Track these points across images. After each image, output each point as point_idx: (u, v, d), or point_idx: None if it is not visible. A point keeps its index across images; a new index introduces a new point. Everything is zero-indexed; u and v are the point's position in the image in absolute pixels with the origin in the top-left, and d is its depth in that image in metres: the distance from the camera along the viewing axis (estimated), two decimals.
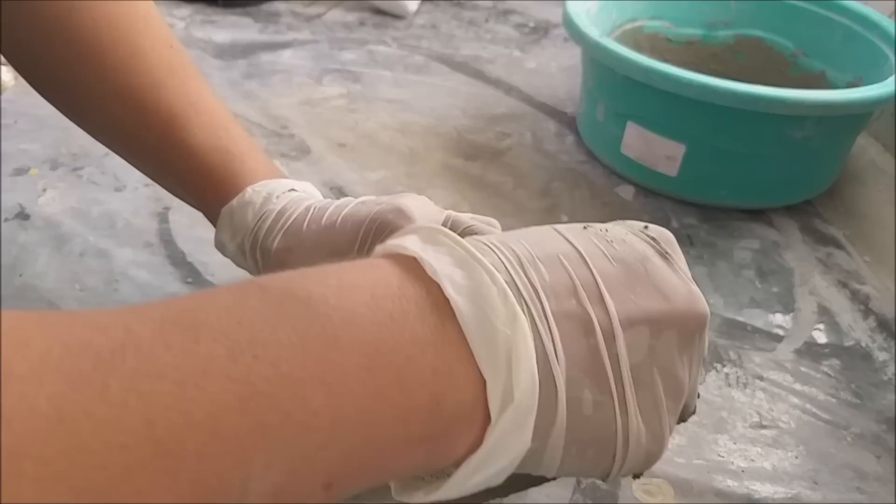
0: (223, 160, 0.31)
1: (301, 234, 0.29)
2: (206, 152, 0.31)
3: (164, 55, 0.31)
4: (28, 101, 0.60)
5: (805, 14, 0.60)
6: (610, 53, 0.49)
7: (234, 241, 0.31)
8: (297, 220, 0.29)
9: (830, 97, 0.46)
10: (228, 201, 0.31)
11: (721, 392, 0.39)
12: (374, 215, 0.27)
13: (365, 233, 0.27)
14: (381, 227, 0.26)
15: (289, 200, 0.30)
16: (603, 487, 0.33)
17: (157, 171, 0.33)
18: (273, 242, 0.29)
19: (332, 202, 0.30)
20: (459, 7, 0.86)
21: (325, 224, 0.28)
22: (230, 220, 0.31)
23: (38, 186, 0.50)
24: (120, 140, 0.32)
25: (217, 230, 0.32)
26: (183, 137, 0.30)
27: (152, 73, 0.30)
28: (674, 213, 0.53)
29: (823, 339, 0.43)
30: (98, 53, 0.29)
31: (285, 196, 0.30)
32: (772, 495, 0.34)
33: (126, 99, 0.30)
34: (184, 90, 0.31)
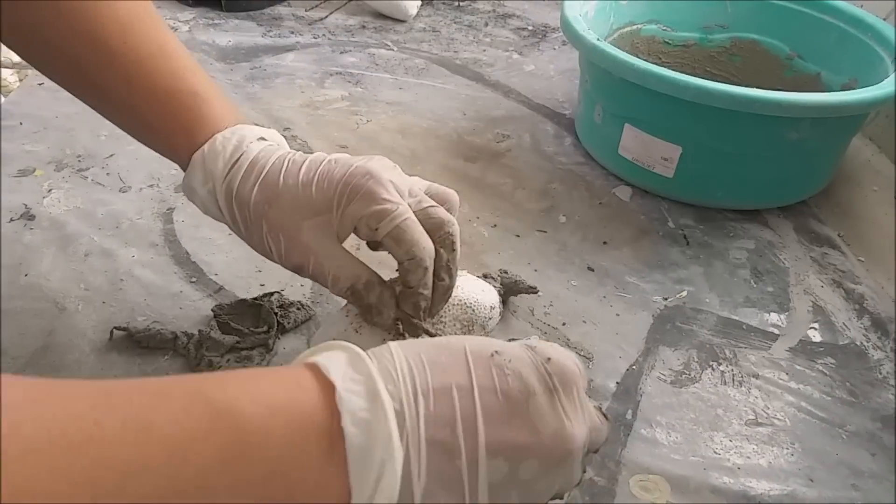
0: (191, 103, 0.31)
1: (278, 187, 0.30)
2: (173, 95, 0.31)
3: (130, 3, 0.31)
4: (33, 102, 0.60)
5: (800, 17, 0.61)
6: (607, 56, 0.50)
7: (205, 187, 0.31)
8: (271, 171, 0.31)
9: (825, 99, 0.46)
10: (198, 145, 0.31)
11: (717, 390, 0.39)
12: (347, 178, 0.30)
13: (339, 195, 0.30)
14: (353, 189, 0.30)
15: (261, 150, 0.32)
16: (600, 484, 0.34)
17: (126, 116, 0.33)
18: (251, 195, 0.30)
19: (304, 156, 0.31)
20: (459, 11, 0.87)
21: (301, 181, 0.30)
22: (201, 165, 0.31)
23: (43, 187, 0.51)
24: (88, 86, 0.32)
25: (186, 175, 0.32)
26: (151, 81, 0.31)
27: (119, 19, 0.31)
28: (670, 214, 0.54)
29: (818, 337, 0.44)
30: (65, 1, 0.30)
31: (256, 144, 0.32)
32: (767, 492, 0.34)
33: (94, 42, 0.30)
34: (151, 36, 0.31)
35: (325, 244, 0.30)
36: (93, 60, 0.31)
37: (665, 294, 0.46)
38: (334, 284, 0.31)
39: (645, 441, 0.36)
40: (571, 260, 0.48)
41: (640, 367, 0.40)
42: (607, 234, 0.51)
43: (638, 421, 0.37)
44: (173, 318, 0.40)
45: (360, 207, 0.30)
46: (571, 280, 0.46)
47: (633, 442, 0.36)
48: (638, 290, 0.46)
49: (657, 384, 0.39)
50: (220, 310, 0.40)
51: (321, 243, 0.30)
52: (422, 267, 0.30)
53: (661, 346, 0.42)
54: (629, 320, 0.44)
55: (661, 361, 0.41)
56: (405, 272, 0.31)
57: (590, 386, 0.39)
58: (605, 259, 0.48)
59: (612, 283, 0.46)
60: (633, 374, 0.40)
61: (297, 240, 0.30)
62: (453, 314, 0.34)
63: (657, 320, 0.44)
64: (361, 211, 0.30)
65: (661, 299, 0.45)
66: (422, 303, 0.31)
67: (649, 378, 0.40)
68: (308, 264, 0.30)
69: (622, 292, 0.46)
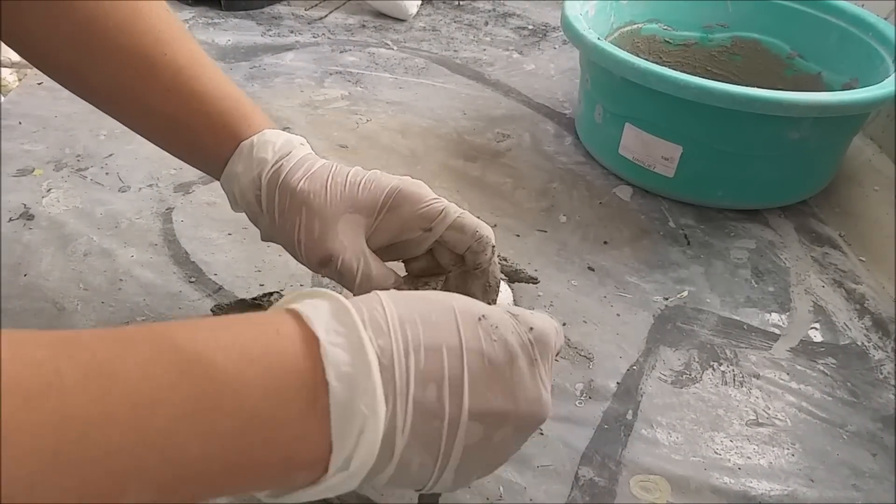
0: (236, 105, 0.32)
1: (326, 182, 0.31)
2: (218, 98, 0.32)
3: (161, 15, 0.32)
4: (32, 101, 0.60)
5: (801, 16, 0.61)
6: (608, 56, 0.50)
7: (249, 175, 0.32)
8: (320, 169, 0.31)
9: (826, 99, 0.46)
10: (244, 139, 0.32)
11: (718, 390, 0.39)
12: (396, 183, 0.31)
13: (387, 197, 0.31)
14: (402, 193, 0.31)
15: (309, 152, 0.33)
16: (600, 485, 0.34)
17: (167, 125, 0.33)
18: (298, 183, 0.31)
19: (347, 167, 0.32)
20: (459, 10, 0.87)
21: (350, 181, 0.31)
22: (250, 152, 0.32)
23: (43, 187, 0.51)
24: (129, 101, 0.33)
25: (231, 162, 0.32)
26: (193, 86, 0.31)
27: (154, 31, 0.31)
28: (671, 214, 0.53)
29: (819, 337, 0.44)
30: (99, 18, 0.30)
31: (304, 147, 0.33)
32: (768, 492, 0.34)
33: (132, 55, 0.31)
34: (186, 46, 0.32)
35: (358, 242, 0.31)
36: (133, 75, 0.31)
37: (666, 294, 0.46)
38: (364, 282, 0.30)
39: (645, 441, 0.36)
40: (572, 260, 0.48)
41: (640, 367, 0.40)
42: (608, 234, 0.51)
43: (638, 421, 0.37)
44: (172, 318, 0.40)
45: (411, 209, 0.31)
46: (572, 280, 0.46)
47: (634, 442, 0.36)
48: (638, 290, 0.46)
49: (658, 384, 0.39)
50: (220, 310, 0.40)
51: (355, 241, 0.31)
52: (490, 245, 0.31)
53: (661, 346, 0.42)
54: (630, 320, 0.43)
55: (661, 361, 0.41)
56: (474, 255, 0.31)
57: (590, 386, 0.39)
58: (606, 259, 0.48)
59: (613, 282, 0.46)
60: (634, 374, 0.40)
61: (333, 231, 0.30)
62: None
63: (658, 320, 0.44)
64: (414, 211, 0.31)
65: (661, 299, 0.45)
66: (492, 281, 0.32)
67: (650, 378, 0.40)
68: (338, 258, 0.30)
69: (623, 292, 0.46)
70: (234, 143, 0.32)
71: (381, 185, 0.31)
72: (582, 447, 0.35)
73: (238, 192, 0.33)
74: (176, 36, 0.32)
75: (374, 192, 0.31)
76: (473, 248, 0.31)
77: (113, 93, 0.32)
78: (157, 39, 0.31)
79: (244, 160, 0.32)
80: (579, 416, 0.37)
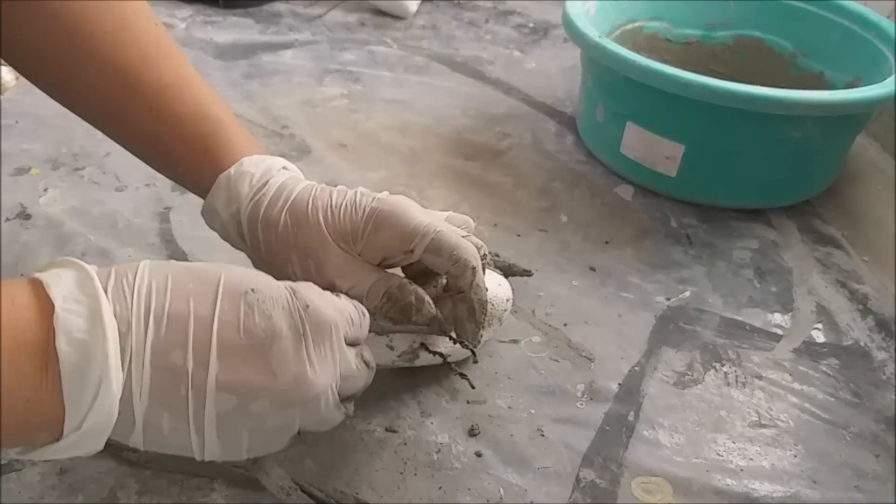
0: (217, 129, 0.31)
1: (307, 212, 0.30)
2: (199, 120, 0.31)
3: (149, 30, 0.31)
4: (29, 101, 0.60)
5: (804, 14, 0.60)
6: (609, 54, 0.49)
7: (229, 210, 0.31)
8: (299, 197, 0.31)
9: (829, 97, 0.46)
10: (223, 168, 0.31)
11: (720, 391, 0.39)
12: (375, 204, 0.30)
13: (366, 222, 0.30)
14: (381, 215, 0.30)
15: (287, 178, 0.32)
16: (602, 486, 0.33)
17: (148, 143, 0.33)
18: (280, 217, 0.30)
19: (327, 187, 0.31)
20: (459, 8, 0.86)
21: (331, 208, 0.30)
22: (226, 186, 0.31)
23: (40, 186, 0.50)
24: (111, 115, 0.32)
25: (209, 197, 0.32)
26: (175, 107, 0.31)
27: (140, 46, 0.31)
28: (673, 213, 0.53)
29: (822, 338, 0.43)
30: (85, 29, 0.29)
31: (282, 173, 0.32)
32: (770, 494, 0.34)
33: (117, 71, 0.30)
34: (172, 63, 0.31)
35: (355, 263, 0.30)
36: (117, 91, 0.31)
37: (668, 294, 0.45)
38: (371, 297, 0.30)
39: (647, 443, 0.36)
40: (573, 260, 0.48)
41: (642, 368, 0.40)
42: (609, 234, 0.50)
43: (640, 422, 0.37)
44: None
45: (391, 232, 0.30)
46: (573, 280, 0.46)
47: (636, 444, 0.36)
48: (640, 290, 0.46)
49: (660, 385, 0.39)
50: None
51: (352, 263, 0.30)
52: (469, 268, 0.30)
53: (663, 346, 0.42)
54: (631, 321, 0.43)
55: (663, 362, 0.40)
56: (454, 279, 0.30)
57: (591, 387, 0.39)
58: (607, 259, 0.48)
59: (614, 283, 0.46)
60: (636, 375, 0.40)
61: (328, 261, 0.30)
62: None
63: (660, 321, 0.43)
64: (393, 234, 0.30)
65: (663, 299, 0.45)
66: (476, 305, 0.31)
67: (652, 379, 0.39)
68: (343, 283, 0.30)
69: (624, 292, 0.45)
70: (213, 174, 0.31)
71: (361, 208, 0.30)
72: (583, 449, 0.35)
73: (220, 228, 0.32)
74: (163, 52, 0.31)
75: (354, 218, 0.30)
76: (452, 272, 0.30)
77: (96, 105, 0.32)
78: (142, 55, 0.30)
79: (222, 194, 0.31)
80: (580, 418, 0.37)
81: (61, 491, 0.31)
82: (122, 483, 0.32)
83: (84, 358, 0.21)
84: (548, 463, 0.34)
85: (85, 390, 0.21)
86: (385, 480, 0.32)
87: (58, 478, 0.32)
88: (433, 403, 0.37)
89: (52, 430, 0.21)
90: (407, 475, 0.33)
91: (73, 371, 0.21)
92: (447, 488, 0.33)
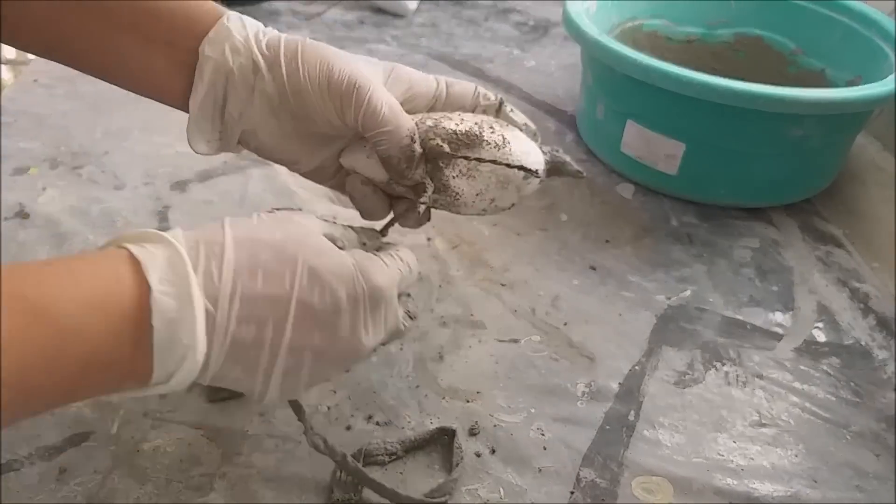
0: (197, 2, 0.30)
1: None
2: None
3: None
4: (28, 99, 0.60)
5: (805, 13, 0.60)
6: (610, 52, 0.49)
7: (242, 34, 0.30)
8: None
9: (830, 96, 0.46)
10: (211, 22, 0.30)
11: (721, 391, 0.39)
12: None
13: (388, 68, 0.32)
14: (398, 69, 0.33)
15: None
16: (602, 486, 0.33)
17: (129, 35, 0.30)
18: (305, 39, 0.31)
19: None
20: (459, 6, 0.86)
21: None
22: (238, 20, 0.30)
23: (38, 185, 0.50)
24: (89, 14, 0.30)
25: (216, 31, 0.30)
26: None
27: None
28: (673, 212, 0.53)
29: (823, 337, 0.43)
30: None
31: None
32: (771, 493, 0.34)
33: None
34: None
35: (380, 80, 0.31)
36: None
37: (668, 293, 0.45)
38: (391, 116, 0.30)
39: (648, 442, 0.36)
40: (573, 259, 0.48)
41: (642, 367, 0.40)
42: (609, 233, 0.50)
43: (641, 422, 0.37)
44: None
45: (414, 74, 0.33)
46: (573, 279, 0.46)
47: (636, 443, 0.35)
48: (641, 289, 0.46)
49: (660, 385, 0.39)
50: None
51: (379, 79, 0.31)
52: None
53: (664, 346, 0.41)
54: (632, 320, 0.43)
55: (664, 362, 0.40)
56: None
57: (592, 387, 0.39)
58: (608, 258, 0.48)
59: (615, 282, 0.46)
60: (636, 374, 0.39)
61: (357, 68, 0.30)
62: (491, 168, 0.31)
63: (660, 320, 0.43)
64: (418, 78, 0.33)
65: (664, 298, 0.45)
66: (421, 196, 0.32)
67: (652, 378, 0.39)
68: (367, 88, 0.29)
69: (625, 291, 0.45)
70: (212, 17, 0.30)
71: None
72: (583, 448, 0.35)
73: (230, 52, 0.30)
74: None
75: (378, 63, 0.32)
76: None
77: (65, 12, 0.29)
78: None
79: (233, 25, 0.30)
80: (581, 417, 0.37)
81: (61, 490, 0.31)
82: (123, 482, 0.32)
83: (174, 334, 0.23)
84: (548, 462, 0.34)
85: (172, 358, 0.24)
86: (385, 480, 0.32)
87: (57, 477, 0.32)
88: (433, 403, 0.37)
89: (141, 382, 0.24)
90: (406, 474, 0.33)
91: (164, 343, 0.23)
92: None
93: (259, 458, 0.33)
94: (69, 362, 0.22)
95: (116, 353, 0.23)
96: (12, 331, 0.20)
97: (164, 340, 0.23)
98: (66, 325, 0.22)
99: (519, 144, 0.32)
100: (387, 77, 0.32)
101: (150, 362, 0.23)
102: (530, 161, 0.32)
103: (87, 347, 0.22)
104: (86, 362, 0.22)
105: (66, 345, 0.22)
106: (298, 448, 0.34)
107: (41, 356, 0.21)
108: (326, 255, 0.27)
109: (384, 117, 0.30)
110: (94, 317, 0.22)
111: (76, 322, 0.22)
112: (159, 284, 0.23)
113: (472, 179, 0.31)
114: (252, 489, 0.32)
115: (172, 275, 0.24)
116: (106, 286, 0.23)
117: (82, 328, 0.22)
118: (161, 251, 0.24)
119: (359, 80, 0.29)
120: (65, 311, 0.22)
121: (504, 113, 0.34)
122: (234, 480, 0.32)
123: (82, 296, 0.22)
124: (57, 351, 0.21)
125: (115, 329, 0.23)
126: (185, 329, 0.23)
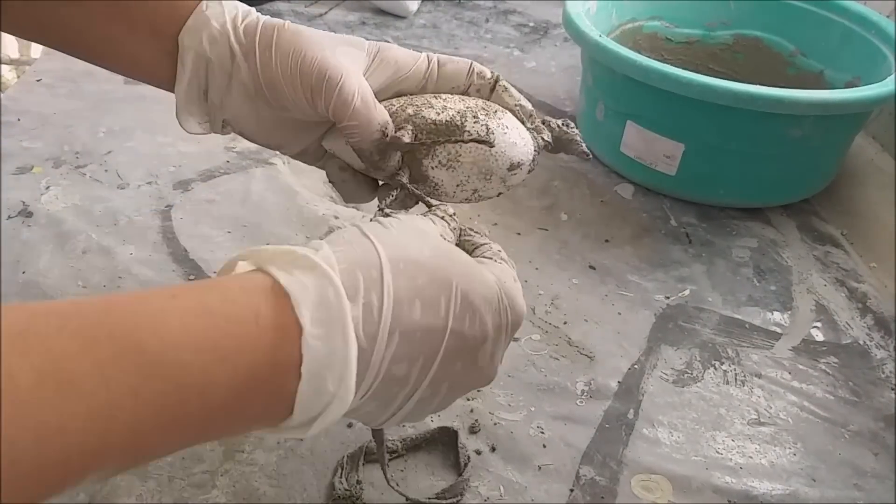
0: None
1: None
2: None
3: None
4: (31, 98, 0.60)
5: (804, 14, 0.60)
6: (609, 53, 0.49)
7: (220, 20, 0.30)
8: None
9: (829, 97, 0.46)
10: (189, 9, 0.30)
11: (719, 389, 0.39)
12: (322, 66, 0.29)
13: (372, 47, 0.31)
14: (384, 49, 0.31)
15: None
16: (601, 484, 0.33)
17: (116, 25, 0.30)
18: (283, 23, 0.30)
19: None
20: (460, 7, 0.86)
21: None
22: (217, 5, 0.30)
23: (41, 184, 0.50)
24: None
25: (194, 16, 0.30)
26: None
27: None
28: (672, 212, 0.53)
29: (821, 336, 0.43)
30: None
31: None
32: (769, 492, 0.34)
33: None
34: None
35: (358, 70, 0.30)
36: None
37: (667, 293, 0.46)
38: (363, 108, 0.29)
39: (647, 441, 0.36)
40: (573, 258, 0.48)
41: (641, 366, 0.40)
42: (609, 233, 0.51)
43: (640, 420, 0.37)
44: None
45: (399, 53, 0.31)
46: (573, 279, 0.46)
47: (635, 441, 0.36)
48: (640, 288, 0.46)
49: (659, 383, 0.39)
50: None
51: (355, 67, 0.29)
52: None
53: (663, 345, 0.42)
54: (631, 319, 0.43)
55: (663, 361, 0.41)
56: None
57: (591, 385, 0.39)
58: (607, 257, 0.48)
59: (614, 281, 0.46)
60: (635, 373, 0.40)
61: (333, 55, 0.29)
62: (474, 157, 0.29)
63: (659, 319, 0.43)
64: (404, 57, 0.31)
65: (663, 298, 0.45)
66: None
67: (651, 377, 0.40)
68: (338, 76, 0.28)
69: (624, 291, 0.46)
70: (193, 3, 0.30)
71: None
72: (583, 446, 0.35)
73: (207, 41, 0.30)
74: None
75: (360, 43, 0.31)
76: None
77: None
78: None
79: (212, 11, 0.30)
80: (580, 416, 0.37)
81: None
82: (125, 480, 0.32)
83: (322, 383, 0.20)
84: (548, 460, 0.34)
85: (316, 406, 0.20)
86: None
87: None
88: None
89: (272, 425, 0.21)
90: (407, 472, 0.33)
91: (310, 392, 0.20)
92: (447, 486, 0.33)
93: (261, 455, 0.33)
94: (191, 421, 0.19)
95: (247, 403, 0.19)
96: (123, 391, 0.17)
97: (310, 388, 0.20)
98: (187, 380, 0.18)
99: (505, 135, 0.30)
100: (371, 60, 0.30)
101: (289, 408, 0.20)
102: (515, 153, 0.30)
103: (213, 402, 0.19)
104: (209, 418, 0.19)
105: (187, 400, 0.18)
106: (300, 446, 0.34)
107: (155, 417, 0.18)
108: (475, 278, 0.24)
109: (355, 110, 0.28)
110: (222, 369, 0.19)
111: (199, 376, 0.18)
112: (312, 327, 0.20)
113: (453, 170, 0.30)
114: (254, 486, 0.32)
115: (326, 312, 0.20)
116: (240, 331, 0.19)
117: (207, 382, 0.18)
118: (312, 281, 0.20)
119: (329, 71, 0.28)
120: (186, 363, 0.18)
121: (497, 93, 0.33)
122: (236, 478, 0.32)
123: (210, 345, 0.19)
124: (177, 409, 0.18)
125: (249, 381, 0.19)
126: (335, 374, 0.20)
